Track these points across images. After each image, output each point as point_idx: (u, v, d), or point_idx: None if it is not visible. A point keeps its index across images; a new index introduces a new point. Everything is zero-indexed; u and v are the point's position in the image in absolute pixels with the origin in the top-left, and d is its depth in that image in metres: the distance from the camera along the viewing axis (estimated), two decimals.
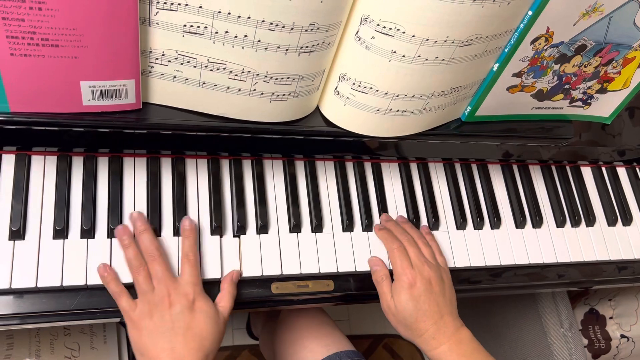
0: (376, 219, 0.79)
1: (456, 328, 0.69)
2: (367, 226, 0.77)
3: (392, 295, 0.71)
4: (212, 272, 0.68)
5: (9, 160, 0.66)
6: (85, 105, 0.58)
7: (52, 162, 0.68)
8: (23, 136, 0.64)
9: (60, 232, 0.65)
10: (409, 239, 0.74)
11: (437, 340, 0.68)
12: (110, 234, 0.66)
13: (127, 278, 0.65)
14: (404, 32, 0.57)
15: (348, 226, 0.77)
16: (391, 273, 0.73)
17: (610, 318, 1.24)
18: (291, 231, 0.74)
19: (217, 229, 0.71)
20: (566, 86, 0.74)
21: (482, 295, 0.87)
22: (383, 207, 0.79)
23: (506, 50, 0.65)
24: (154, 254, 0.64)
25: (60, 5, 0.49)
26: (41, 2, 0.48)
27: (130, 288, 0.64)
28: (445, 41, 0.58)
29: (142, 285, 0.62)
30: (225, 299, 0.66)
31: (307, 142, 0.73)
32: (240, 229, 0.72)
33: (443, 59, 0.60)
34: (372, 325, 1.55)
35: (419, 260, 0.72)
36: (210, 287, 0.67)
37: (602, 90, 0.77)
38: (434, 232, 0.80)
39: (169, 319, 0.61)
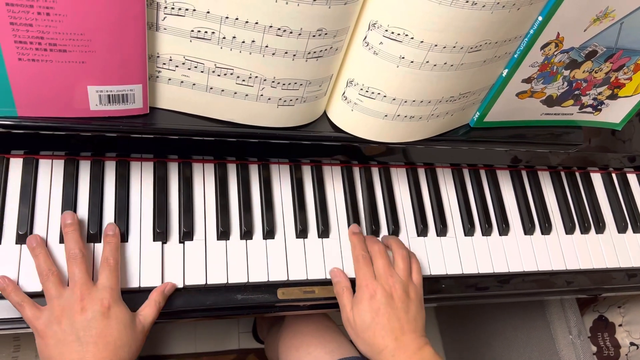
0: (383, 225, 0.78)
1: (419, 347, 0.65)
2: (374, 232, 0.77)
3: (352, 307, 0.68)
4: (217, 277, 0.68)
5: (17, 164, 0.66)
6: (92, 110, 0.58)
7: (59, 166, 0.68)
8: (30, 140, 0.64)
9: None
10: (380, 249, 0.70)
11: (396, 359, 0.64)
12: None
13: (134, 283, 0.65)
14: (412, 38, 0.56)
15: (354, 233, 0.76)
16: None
17: (620, 325, 1.22)
18: (297, 236, 0.74)
19: (224, 233, 0.70)
20: (576, 92, 0.73)
21: (489, 302, 0.86)
22: (392, 213, 0.78)
23: (516, 55, 0.65)
24: (76, 255, 0.60)
25: (68, 10, 0.49)
26: (49, 7, 0.48)
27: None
28: (454, 47, 0.58)
29: (50, 291, 0.58)
30: (148, 307, 0.63)
31: (314, 147, 0.73)
32: (247, 234, 0.71)
33: (452, 65, 0.60)
34: None
35: (384, 272, 0.68)
36: (219, 292, 0.67)
37: (613, 96, 0.76)
38: (442, 239, 0.80)
39: (79, 326, 0.56)
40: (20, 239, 0.63)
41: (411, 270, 0.71)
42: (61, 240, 0.64)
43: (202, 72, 0.58)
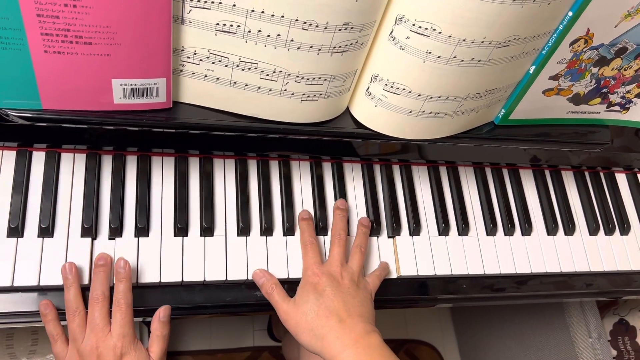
0: (404, 222, 0.77)
1: (366, 332, 0.60)
2: (395, 230, 0.76)
3: (289, 300, 0.64)
4: (238, 274, 0.68)
5: (39, 157, 0.66)
6: (116, 103, 0.58)
7: (81, 160, 0.68)
8: (53, 134, 0.64)
9: (89, 230, 0.64)
10: (340, 237, 0.69)
11: (342, 342, 0.59)
12: (138, 233, 0.66)
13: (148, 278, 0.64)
14: (440, 33, 0.55)
15: (375, 230, 0.75)
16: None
17: None
18: (318, 234, 0.73)
19: (244, 229, 0.70)
20: (604, 90, 0.72)
21: (507, 303, 0.85)
22: (413, 211, 0.77)
23: (544, 52, 0.64)
24: (98, 298, 0.60)
25: (95, 2, 0.48)
26: (76, 0, 0.48)
27: None
28: (482, 42, 0.57)
29: (74, 332, 0.59)
30: (155, 344, 0.62)
31: (335, 143, 0.72)
32: (267, 230, 0.71)
33: (479, 60, 0.59)
34: (393, 330, 1.53)
35: (335, 259, 0.66)
36: (239, 289, 0.67)
37: None
38: (463, 238, 0.79)
39: None
40: (43, 233, 0.63)
41: (369, 272, 0.70)
42: (82, 235, 0.64)
43: (226, 66, 0.58)
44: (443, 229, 0.78)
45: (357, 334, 0.60)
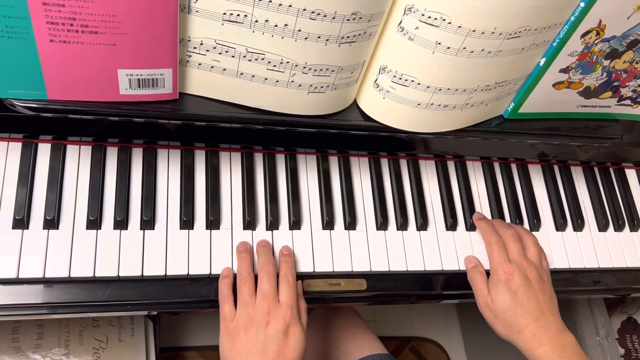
0: (411, 217, 0.77)
1: (559, 330, 0.66)
2: (402, 225, 0.75)
3: (488, 291, 0.69)
4: (235, 268, 0.67)
5: (45, 149, 0.66)
6: (122, 94, 0.57)
7: (86, 152, 0.67)
8: (59, 125, 0.64)
9: (94, 222, 0.64)
10: (512, 233, 0.72)
11: (538, 339, 0.64)
12: (144, 226, 0.66)
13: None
14: (449, 23, 0.55)
15: (382, 224, 0.75)
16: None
17: None
18: (324, 228, 0.73)
19: (250, 223, 0.69)
20: (615, 83, 0.71)
21: None
22: (420, 206, 0.77)
23: (554, 44, 0.63)
24: (269, 271, 0.64)
25: None
26: None
27: None
28: (493, 33, 0.56)
29: (245, 296, 0.62)
30: (304, 317, 0.64)
31: (342, 136, 0.72)
32: (273, 224, 0.70)
33: (489, 52, 0.58)
34: (398, 327, 1.52)
35: (518, 255, 0.69)
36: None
37: None
38: (471, 233, 0.78)
39: (262, 339, 0.60)
40: (48, 225, 0.63)
41: (540, 255, 0.72)
42: (88, 227, 0.64)
43: (233, 56, 0.57)
44: (451, 224, 0.77)
45: (553, 333, 0.65)
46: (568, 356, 0.63)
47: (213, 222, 0.68)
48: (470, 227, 0.78)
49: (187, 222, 0.67)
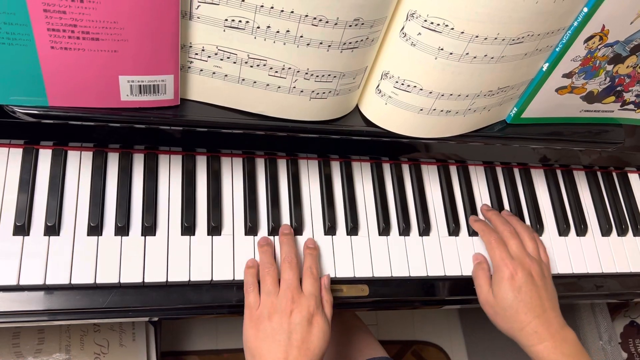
0: (413, 222, 0.76)
1: (561, 326, 0.66)
2: (405, 230, 0.75)
3: (490, 287, 0.69)
4: (237, 274, 0.67)
5: (46, 155, 0.66)
6: (123, 100, 0.57)
7: (88, 158, 0.67)
8: (60, 131, 0.63)
9: (95, 228, 0.64)
10: (510, 230, 0.72)
11: (540, 336, 0.65)
12: (145, 232, 0.65)
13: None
14: (452, 29, 0.54)
15: (384, 230, 0.74)
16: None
17: None
18: (326, 233, 0.72)
19: (252, 229, 0.69)
20: (618, 88, 0.70)
21: None
22: (423, 211, 0.76)
23: (557, 49, 0.62)
24: (292, 260, 0.64)
25: None
26: None
27: None
28: (496, 38, 0.55)
29: (269, 285, 0.62)
30: (328, 310, 0.64)
31: (344, 142, 0.71)
32: (275, 230, 0.70)
33: (492, 57, 0.58)
34: (400, 331, 1.52)
35: (519, 252, 0.70)
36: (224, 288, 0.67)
37: None
38: (473, 238, 0.77)
39: (286, 327, 0.60)
40: (49, 231, 0.63)
41: (538, 248, 0.73)
42: (89, 233, 0.64)
43: (234, 62, 0.57)
44: (453, 230, 0.77)
45: (554, 329, 0.65)
46: (569, 352, 0.64)
47: (214, 228, 0.67)
48: (473, 232, 0.78)
49: (188, 228, 0.67)
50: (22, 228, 0.62)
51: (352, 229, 0.73)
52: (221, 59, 0.57)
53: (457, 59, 0.57)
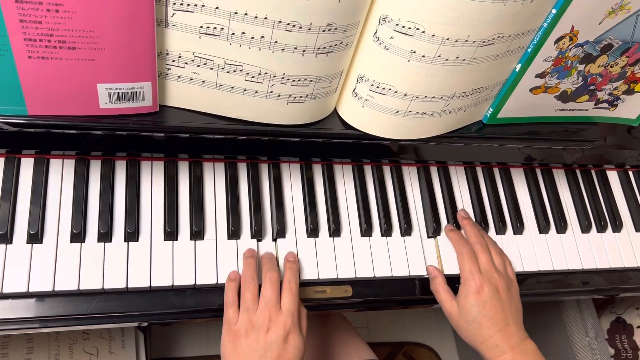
0: (395, 223, 0.77)
1: (521, 339, 0.68)
2: (386, 231, 0.76)
3: (455, 300, 0.70)
4: (220, 278, 0.67)
5: (28, 163, 0.67)
6: (102, 107, 0.58)
7: (70, 165, 0.68)
8: (41, 139, 0.64)
9: (78, 235, 0.64)
10: (482, 243, 0.73)
11: (500, 349, 0.67)
12: (128, 238, 0.66)
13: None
14: (423, 32, 0.56)
15: (367, 231, 0.75)
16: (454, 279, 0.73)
17: (638, 327, 1.20)
18: (308, 236, 0.73)
19: (234, 233, 0.70)
20: (591, 87, 0.72)
21: None
22: (404, 212, 0.77)
23: (529, 50, 0.64)
24: (273, 277, 0.65)
25: (77, 7, 0.49)
26: (58, 4, 0.48)
27: None
28: (467, 40, 0.57)
29: (248, 302, 0.63)
30: (304, 324, 0.65)
31: (324, 145, 0.72)
32: (257, 234, 0.71)
33: (464, 59, 0.59)
34: (391, 332, 1.52)
35: (488, 266, 0.71)
36: (208, 292, 0.67)
37: (629, 92, 0.75)
38: None
39: (262, 345, 0.61)
40: (32, 239, 0.63)
41: (505, 263, 0.74)
42: (72, 240, 0.64)
43: (211, 69, 0.58)
44: (434, 230, 0.78)
45: (515, 342, 0.67)
46: None
47: (197, 233, 0.68)
48: None
49: (171, 233, 0.67)
50: (4, 237, 0.62)
51: (335, 230, 0.74)
52: (198, 65, 0.58)
53: (430, 62, 0.58)
